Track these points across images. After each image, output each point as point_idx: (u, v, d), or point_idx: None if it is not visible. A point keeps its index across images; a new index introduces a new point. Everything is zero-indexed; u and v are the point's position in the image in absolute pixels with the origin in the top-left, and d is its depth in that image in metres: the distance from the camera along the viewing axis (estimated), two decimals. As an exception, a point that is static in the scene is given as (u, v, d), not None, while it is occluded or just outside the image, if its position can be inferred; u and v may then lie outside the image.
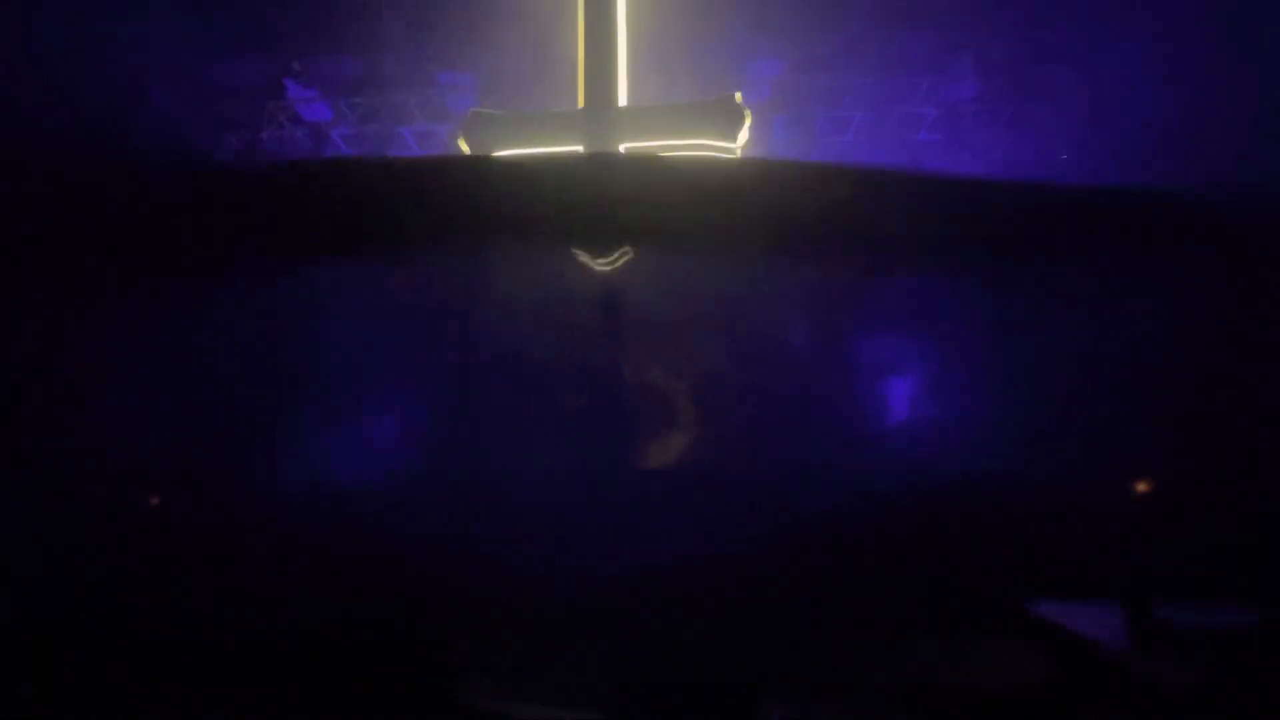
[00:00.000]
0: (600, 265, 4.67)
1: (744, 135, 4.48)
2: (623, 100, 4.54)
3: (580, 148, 4.45)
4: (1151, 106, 7.47)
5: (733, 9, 6.62)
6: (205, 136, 8.16)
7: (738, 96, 4.43)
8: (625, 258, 4.69)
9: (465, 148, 4.76)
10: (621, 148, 4.41)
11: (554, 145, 4.62)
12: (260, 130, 8.20)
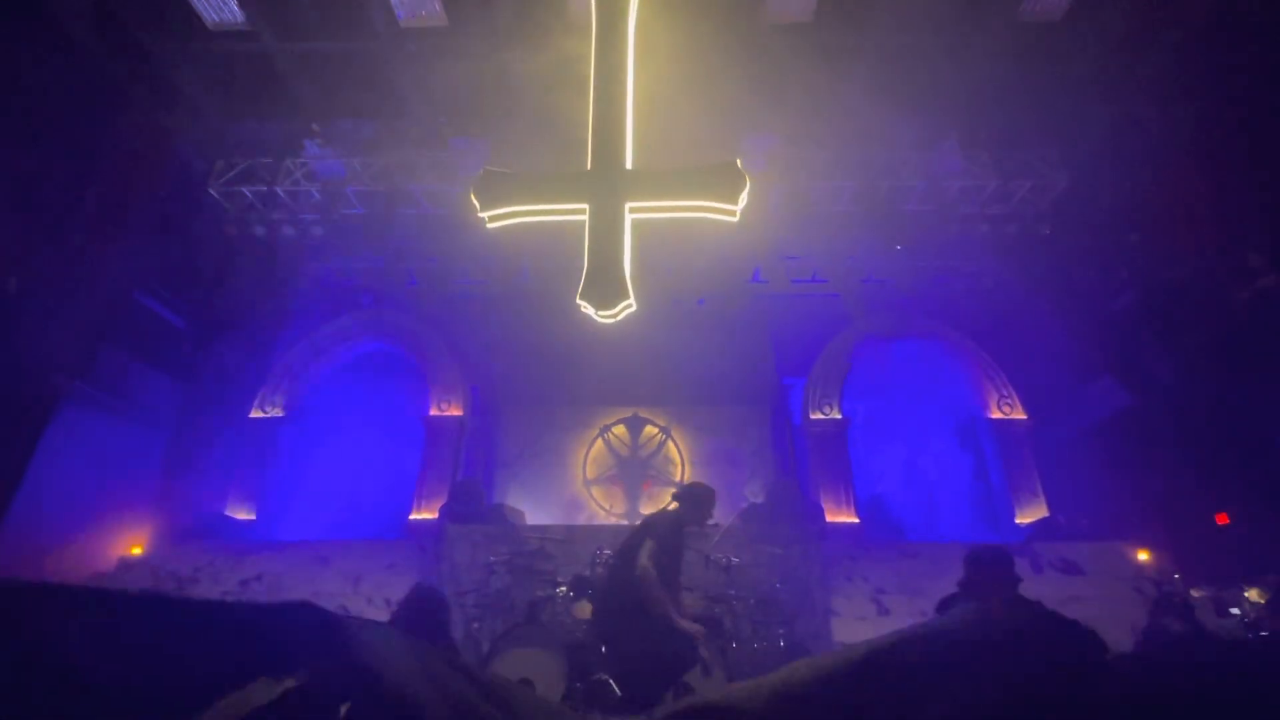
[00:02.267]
0: (604, 317, 4.78)
1: (744, 199, 4.66)
2: (629, 163, 4.76)
3: (587, 206, 4.63)
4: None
5: (732, 85, 7.00)
6: (225, 189, 8.41)
7: (738, 162, 4.64)
8: (628, 310, 4.80)
9: (477, 205, 4.91)
10: (627, 206, 4.60)
11: (562, 204, 4.80)
12: (276, 186, 8.44)
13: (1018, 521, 8.46)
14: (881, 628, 6.81)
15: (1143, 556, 7.14)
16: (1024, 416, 9.12)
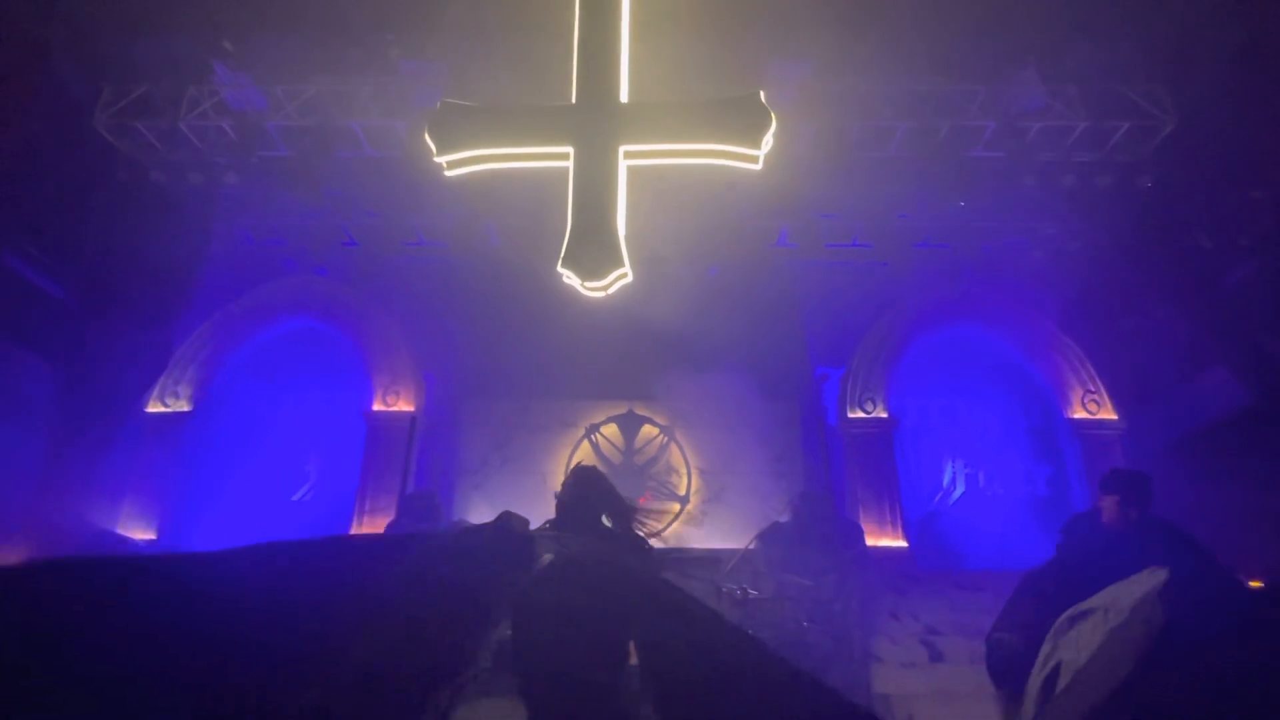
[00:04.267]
0: (592, 290, 4.78)
1: (768, 141, 4.64)
2: (624, 95, 4.73)
3: (571, 148, 4.61)
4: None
5: (755, -3, 6.94)
6: (115, 124, 8.33)
7: (762, 95, 4.62)
8: (622, 281, 4.80)
9: (432, 146, 4.89)
10: (621, 150, 4.58)
11: (540, 146, 4.78)
12: (179, 120, 8.37)
13: (1104, 547, 8.53)
14: (934, 675, 6.89)
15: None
16: (1115, 417, 9.16)
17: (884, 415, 9.32)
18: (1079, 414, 9.24)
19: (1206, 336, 8.37)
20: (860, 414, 9.32)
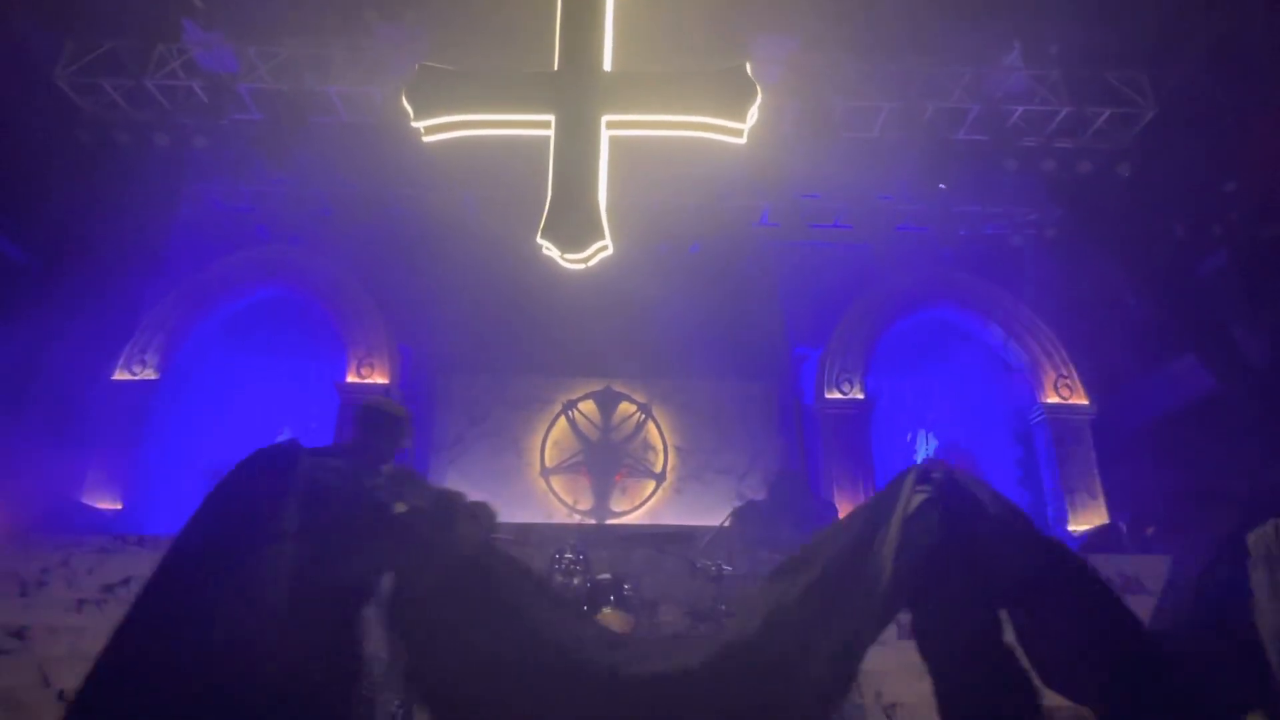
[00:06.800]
0: (571, 262, 4.71)
1: (753, 115, 4.58)
2: (608, 64, 4.63)
3: (552, 116, 4.51)
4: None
5: (743, -31, 6.83)
6: (78, 80, 8.06)
7: (748, 67, 4.55)
8: (603, 253, 4.74)
9: (410, 111, 4.76)
10: (604, 119, 4.49)
11: (520, 113, 4.67)
12: (145, 79, 8.12)
13: (1070, 529, 8.70)
14: (902, 652, 7.00)
15: (1217, 573, 7.40)
16: (1086, 402, 9.30)
17: (860, 396, 9.37)
18: (1051, 398, 9.36)
19: (1177, 324, 8.49)
20: (838, 394, 9.37)
